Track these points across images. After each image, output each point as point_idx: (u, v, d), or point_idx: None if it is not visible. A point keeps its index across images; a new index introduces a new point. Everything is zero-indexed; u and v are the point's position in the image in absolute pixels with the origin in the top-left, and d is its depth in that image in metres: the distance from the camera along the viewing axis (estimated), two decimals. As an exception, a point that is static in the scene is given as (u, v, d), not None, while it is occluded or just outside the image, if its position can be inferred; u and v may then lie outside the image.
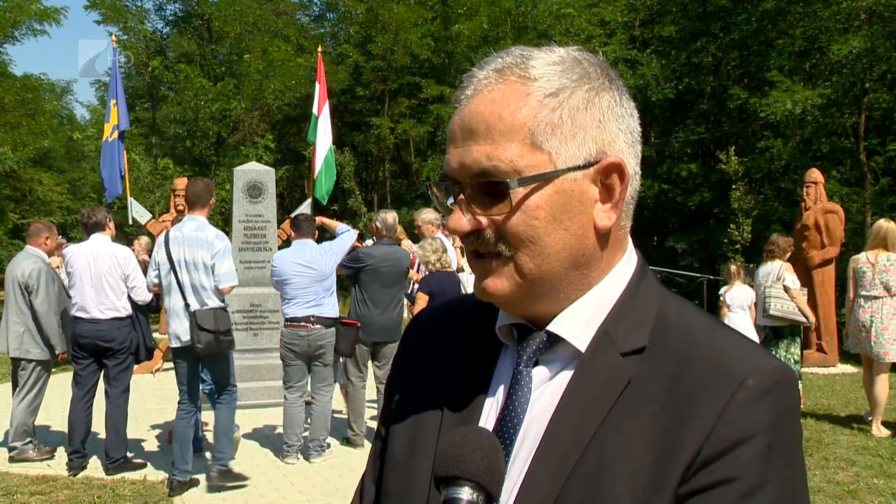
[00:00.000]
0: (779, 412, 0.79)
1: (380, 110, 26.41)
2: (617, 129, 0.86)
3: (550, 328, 0.87)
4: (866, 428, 7.00)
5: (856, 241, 13.95)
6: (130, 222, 10.81)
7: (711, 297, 14.07)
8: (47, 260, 6.41)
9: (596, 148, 0.84)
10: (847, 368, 10.53)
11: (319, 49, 11.49)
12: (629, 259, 0.91)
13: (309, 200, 10.44)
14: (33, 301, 6.14)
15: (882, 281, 6.87)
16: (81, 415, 5.85)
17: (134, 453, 6.14)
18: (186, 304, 5.32)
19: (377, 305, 6.30)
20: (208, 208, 5.53)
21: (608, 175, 0.85)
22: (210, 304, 5.32)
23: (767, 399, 0.79)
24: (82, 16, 65.31)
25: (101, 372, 5.94)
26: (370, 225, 6.73)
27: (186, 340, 5.31)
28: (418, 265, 7.12)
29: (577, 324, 0.87)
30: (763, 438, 0.77)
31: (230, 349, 5.48)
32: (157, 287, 5.50)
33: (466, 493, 0.77)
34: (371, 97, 26.83)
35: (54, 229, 6.73)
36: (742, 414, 0.78)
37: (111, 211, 6.33)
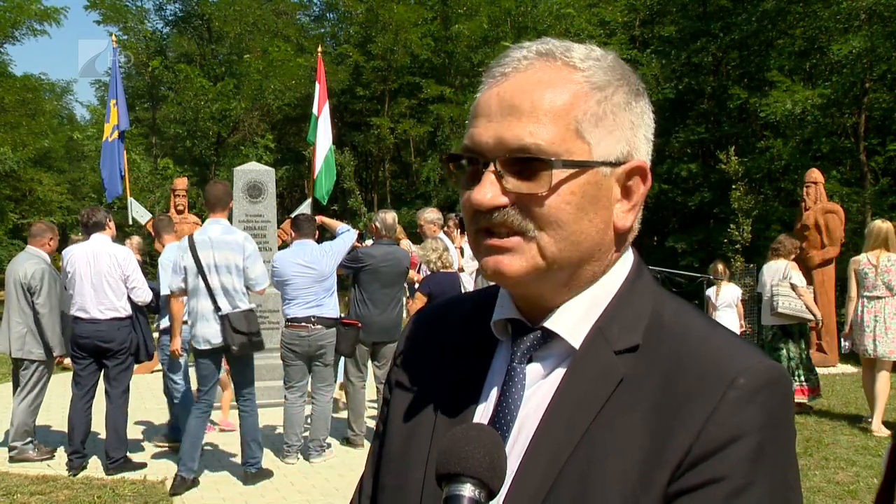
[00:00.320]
0: (770, 412, 0.79)
1: (380, 110, 26.40)
2: (644, 136, 0.88)
3: (545, 324, 0.87)
4: (866, 428, 7.01)
5: (856, 241, 13.93)
6: (130, 222, 10.82)
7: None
8: (49, 261, 6.40)
9: (627, 149, 0.86)
10: (847, 368, 10.53)
11: (319, 49, 11.51)
12: (626, 257, 0.92)
13: (309, 200, 10.45)
14: (35, 302, 6.14)
15: (884, 281, 6.93)
16: (81, 415, 5.85)
17: (134, 453, 6.15)
18: (216, 308, 5.32)
19: (377, 305, 6.30)
20: (228, 210, 5.59)
21: (631, 177, 0.87)
22: (241, 307, 5.37)
23: (758, 399, 0.78)
24: (82, 16, 65.37)
25: (101, 372, 5.95)
26: (370, 225, 6.72)
27: (217, 343, 5.34)
28: (419, 266, 7.11)
29: (572, 320, 0.87)
30: (753, 438, 0.77)
31: (261, 349, 5.58)
32: (184, 292, 5.48)
33: (468, 490, 0.77)
34: (371, 97, 26.82)
35: (56, 230, 6.74)
36: (732, 413, 0.77)
37: (111, 211, 6.33)
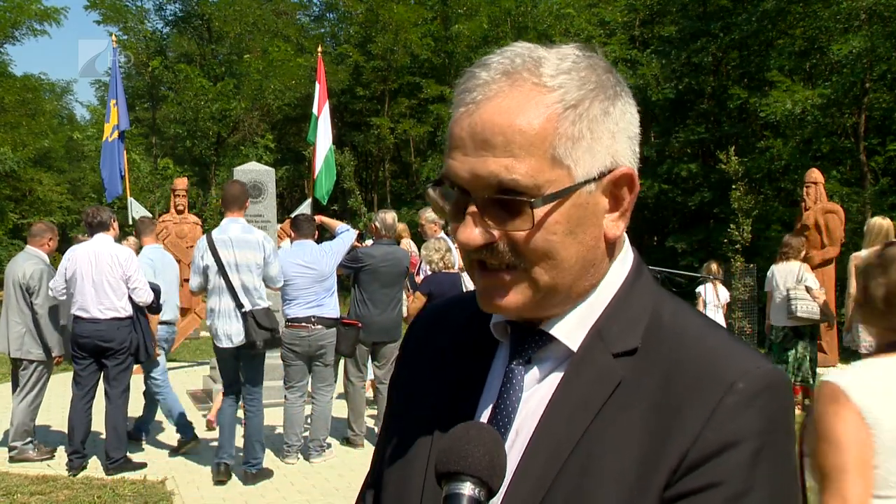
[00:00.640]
0: (768, 417, 0.78)
1: (380, 110, 26.41)
2: (626, 138, 0.85)
3: (543, 327, 0.87)
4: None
5: (856, 241, 13.90)
6: (130, 222, 10.80)
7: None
8: (48, 261, 6.40)
9: (610, 159, 0.83)
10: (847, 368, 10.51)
11: (319, 49, 11.51)
12: (625, 258, 0.91)
13: (309, 200, 10.45)
14: (34, 302, 6.13)
15: None
16: (81, 415, 5.85)
17: (134, 453, 6.15)
18: (239, 305, 5.42)
19: (376, 305, 6.30)
20: (245, 209, 5.67)
21: (619, 186, 0.85)
22: (261, 304, 5.50)
23: (756, 403, 0.78)
24: (82, 16, 65.33)
25: (101, 372, 5.95)
26: (370, 225, 6.73)
27: (239, 341, 5.43)
28: (419, 267, 7.11)
29: (570, 323, 0.87)
30: (751, 444, 0.76)
31: (279, 346, 5.75)
32: (204, 291, 5.58)
33: (468, 489, 0.77)
34: (371, 97, 26.84)
35: (56, 231, 6.73)
36: (730, 418, 0.77)
37: (112, 211, 6.32)
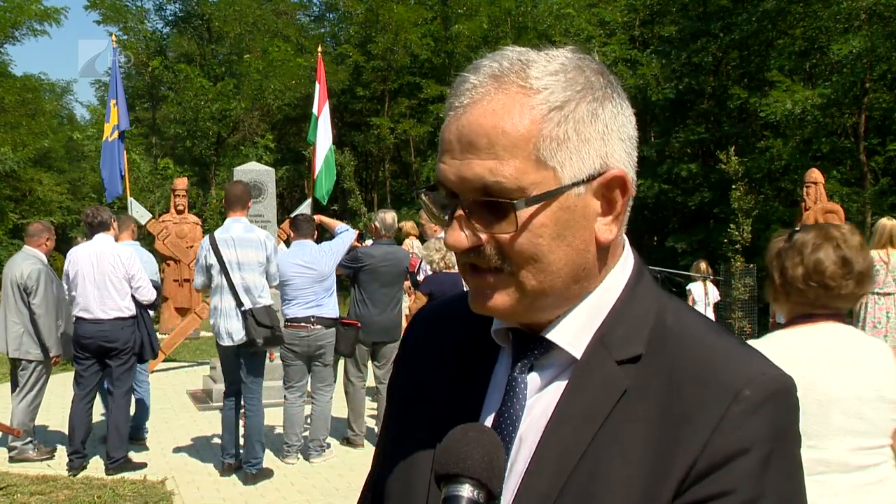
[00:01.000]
0: (776, 423, 0.78)
1: (380, 110, 26.40)
2: (618, 140, 0.83)
3: (545, 335, 0.86)
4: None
5: (856, 241, 13.96)
6: (130, 222, 10.80)
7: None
8: (45, 261, 6.39)
9: (599, 161, 0.82)
10: (847, 368, 10.53)
11: (319, 49, 11.50)
12: (625, 262, 0.89)
13: (309, 200, 10.44)
14: (32, 302, 6.12)
15: (895, 278, 7.07)
16: (82, 415, 5.84)
17: (134, 453, 6.14)
18: (239, 304, 5.47)
19: (376, 305, 6.30)
20: (247, 209, 5.72)
21: (611, 188, 0.83)
22: (262, 302, 5.54)
23: (764, 410, 0.77)
24: (82, 16, 65.18)
25: (103, 372, 5.95)
26: (370, 225, 6.73)
27: (240, 339, 5.49)
28: (419, 267, 7.11)
29: (572, 330, 0.85)
30: (759, 451, 0.76)
31: (282, 343, 5.78)
32: (208, 288, 5.66)
33: (467, 491, 0.77)
34: (371, 97, 26.83)
35: (53, 230, 6.72)
36: (738, 426, 0.76)
37: (112, 211, 6.32)
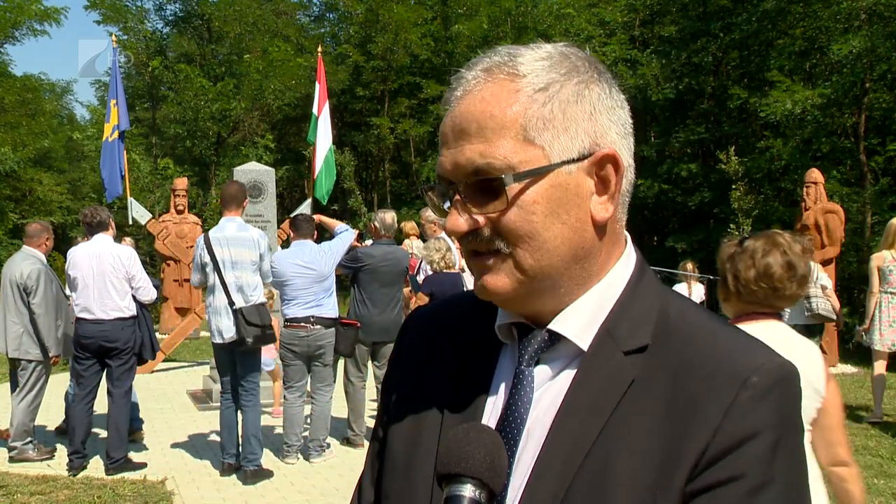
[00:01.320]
0: (783, 409, 0.80)
1: (380, 110, 26.41)
2: (608, 121, 0.86)
3: (552, 327, 0.87)
4: (866, 428, 7.02)
5: (855, 242, 13.92)
6: (130, 222, 10.81)
7: (711, 297, 14.06)
8: (45, 261, 6.39)
9: (589, 140, 0.84)
10: (847, 368, 10.52)
11: (319, 49, 11.49)
12: (628, 257, 0.91)
13: (309, 200, 10.43)
14: (31, 302, 6.12)
15: None
16: (82, 415, 5.84)
17: (134, 453, 6.14)
18: (230, 302, 5.53)
19: (376, 305, 6.30)
20: (242, 209, 5.80)
21: (602, 167, 0.85)
22: (254, 301, 5.59)
23: (772, 396, 0.79)
24: (82, 16, 65.24)
25: (104, 372, 5.94)
26: (370, 225, 6.73)
27: (230, 337, 5.54)
28: (418, 268, 7.11)
29: (579, 322, 0.86)
30: (768, 436, 0.78)
31: (273, 341, 5.84)
32: (205, 286, 5.73)
33: (469, 491, 0.77)
34: (371, 97, 26.84)
35: (51, 230, 6.72)
36: (747, 412, 0.78)
37: (111, 211, 6.32)
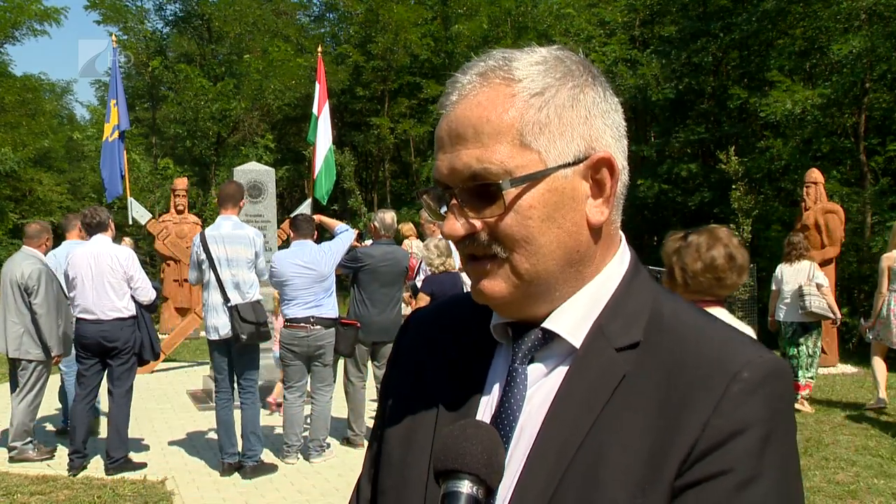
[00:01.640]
0: (773, 404, 0.80)
1: (380, 110, 26.39)
2: (603, 125, 0.87)
3: (545, 325, 0.88)
4: (866, 428, 7.03)
5: (855, 242, 13.91)
6: (130, 222, 10.81)
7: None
8: (45, 261, 6.39)
9: (584, 144, 0.85)
10: (847, 368, 10.52)
11: (319, 49, 11.49)
12: (623, 256, 0.92)
13: (309, 200, 10.44)
14: (32, 302, 6.12)
15: None
16: (83, 415, 5.85)
17: (134, 453, 6.14)
18: (226, 300, 5.57)
19: (376, 305, 6.30)
20: (239, 208, 5.89)
21: (598, 170, 0.86)
22: (250, 298, 5.63)
23: (762, 391, 0.79)
24: (82, 16, 65.12)
25: (105, 372, 5.94)
26: (369, 225, 6.73)
27: (225, 334, 5.60)
28: (418, 268, 7.11)
29: (572, 320, 0.87)
30: (758, 430, 0.78)
31: (268, 339, 5.86)
32: (202, 283, 5.79)
33: (466, 487, 0.78)
34: (371, 97, 26.81)
35: (51, 229, 6.72)
36: (737, 406, 0.78)
37: (112, 211, 6.33)
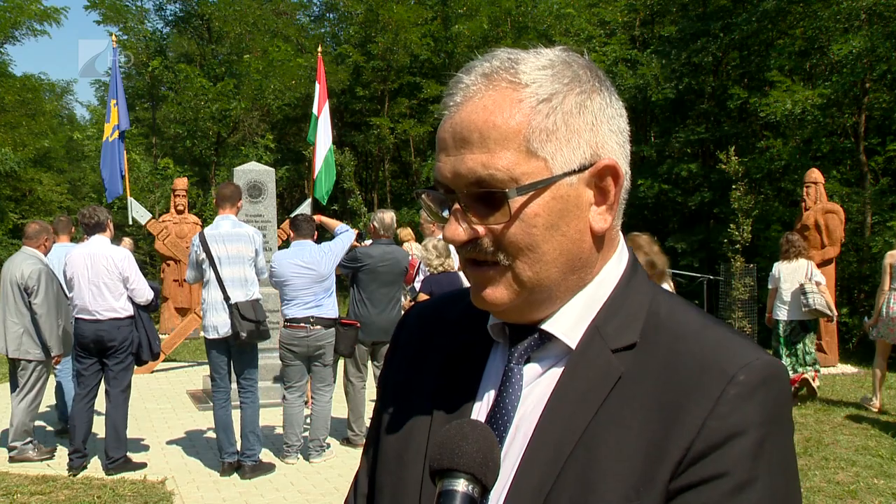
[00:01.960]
0: (770, 407, 0.79)
1: (380, 110, 26.37)
2: (609, 131, 0.86)
3: (543, 327, 0.88)
4: (866, 428, 7.02)
5: (855, 241, 13.92)
6: (130, 222, 10.81)
7: (711, 297, 14.05)
8: (45, 261, 6.39)
9: (590, 151, 0.84)
10: (847, 368, 10.52)
11: (319, 49, 11.49)
12: (620, 256, 0.92)
13: (309, 200, 10.44)
14: (33, 302, 6.12)
15: None
16: (83, 414, 5.85)
17: (134, 453, 6.14)
18: (226, 298, 5.60)
19: (375, 305, 6.30)
20: (237, 208, 5.96)
21: (603, 178, 0.85)
22: (250, 296, 5.67)
23: (758, 394, 0.79)
24: (82, 16, 65.35)
25: (104, 372, 5.94)
26: (369, 225, 6.73)
27: (225, 332, 5.61)
28: (418, 268, 7.11)
29: (568, 321, 0.87)
30: (754, 434, 0.77)
31: (268, 337, 5.88)
32: (200, 281, 5.84)
33: (462, 485, 0.77)
34: (371, 97, 26.80)
35: (51, 230, 6.73)
36: (733, 409, 0.78)
37: (111, 211, 6.33)
